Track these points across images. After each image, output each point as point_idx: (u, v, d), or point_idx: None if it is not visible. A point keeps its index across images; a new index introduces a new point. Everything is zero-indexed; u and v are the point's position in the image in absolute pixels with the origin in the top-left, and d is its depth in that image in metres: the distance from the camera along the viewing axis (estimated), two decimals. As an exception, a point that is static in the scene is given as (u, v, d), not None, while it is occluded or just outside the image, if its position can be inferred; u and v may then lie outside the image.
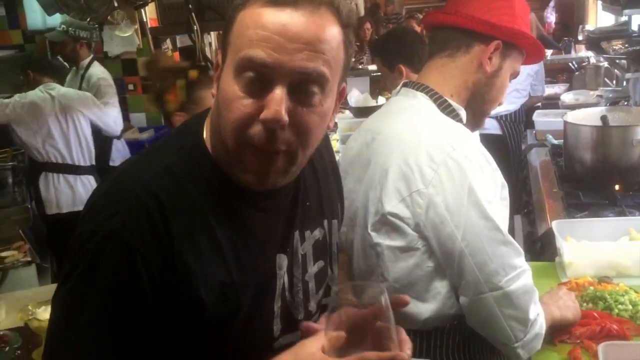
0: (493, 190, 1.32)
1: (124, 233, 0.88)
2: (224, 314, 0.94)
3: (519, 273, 1.29)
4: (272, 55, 0.87)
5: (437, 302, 1.36)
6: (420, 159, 1.31)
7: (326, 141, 1.23)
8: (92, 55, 4.88)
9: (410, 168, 1.32)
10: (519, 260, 1.31)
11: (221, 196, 0.96)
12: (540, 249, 2.40)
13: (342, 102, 1.03)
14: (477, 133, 1.66)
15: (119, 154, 4.71)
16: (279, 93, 0.88)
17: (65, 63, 5.19)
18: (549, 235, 2.16)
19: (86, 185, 3.99)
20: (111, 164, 4.54)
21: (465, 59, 1.43)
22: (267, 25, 0.88)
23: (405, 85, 1.50)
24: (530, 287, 1.32)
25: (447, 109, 1.42)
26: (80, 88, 4.58)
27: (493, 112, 1.58)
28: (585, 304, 1.63)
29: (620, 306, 1.58)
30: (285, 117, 0.88)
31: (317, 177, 1.15)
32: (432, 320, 1.37)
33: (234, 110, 0.91)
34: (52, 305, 0.94)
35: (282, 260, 1.03)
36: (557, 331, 1.49)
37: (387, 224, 1.36)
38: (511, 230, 1.93)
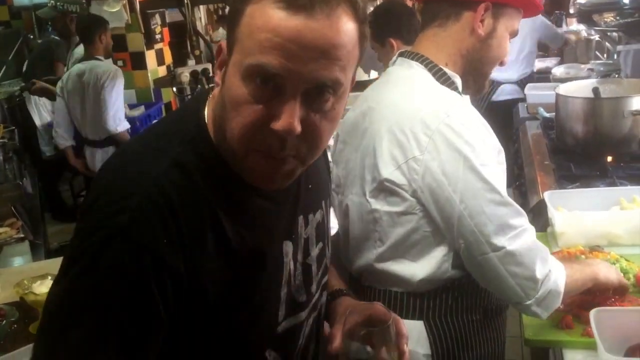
0: (489, 154, 1.33)
1: (133, 231, 0.83)
2: (232, 308, 0.93)
3: (519, 232, 1.31)
4: (285, 65, 0.83)
5: (432, 265, 1.39)
6: (415, 126, 1.33)
7: None
8: None
9: (405, 135, 1.33)
10: (519, 220, 1.33)
11: (228, 188, 0.93)
12: (532, 220, 2.41)
13: (350, 90, 0.98)
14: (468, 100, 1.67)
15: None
16: (292, 103, 0.84)
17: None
18: (541, 206, 2.18)
19: None
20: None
21: (457, 27, 1.45)
22: (280, 31, 0.82)
23: (401, 54, 1.51)
24: (533, 245, 1.34)
25: (442, 77, 1.43)
26: (69, 65, 4.59)
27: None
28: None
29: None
30: (299, 128, 0.85)
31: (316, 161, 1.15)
32: (425, 282, 1.40)
33: (243, 115, 0.86)
34: (45, 304, 0.87)
35: (288, 247, 1.03)
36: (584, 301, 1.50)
37: (384, 190, 1.38)
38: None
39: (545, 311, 1.35)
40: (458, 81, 1.46)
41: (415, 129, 1.33)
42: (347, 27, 0.85)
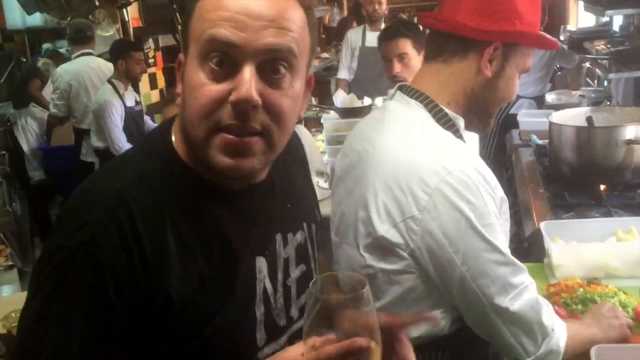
0: (492, 211, 1.26)
1: (92, 246, 0.83)
2: (202, 327, 0.90)
3: (520, 290, 1.27)
4: (237, 34, 0.85)
5: (429, 324, 1.33)
6: (413, 182, 1.25)
7: (295, 139, 1.18)
8: (81, 51, 4.93)
9: (403, 191, 1.26)
10: (521, 278, 1.28)
11: (195, 200, 0.93)
12: (528, 249, 2.40)
13: (310, 91, 1.01)
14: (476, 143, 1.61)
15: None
16: (248, 72, 0.85)
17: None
18: (537, 236, 2.17)
19: None
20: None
21: (462, 65, 1.36)
22: (228, 6, 0.86)
23: (400, 88, 1.44)
24: (534, 302, 1.29)
25: (442, 119, 1.35)
26: None
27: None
28: (575, 306, 1.63)
29: (611, 307, 1.58)
30: (257, 97, 0.85)
31: (292, 178, 1.13)
32: (423, 338, 1.34)
33: (200, 96, 0.87)
34: (18, 326, 0.89)
35: (262, 264, 1.00)
36: None
37: (380, 247, 1.31)
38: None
39: None
40: (460, 123, 1.38)
41: (412, 186, 1.25)
42: (293, 7, 0.89)
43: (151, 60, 5.60)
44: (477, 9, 1.33)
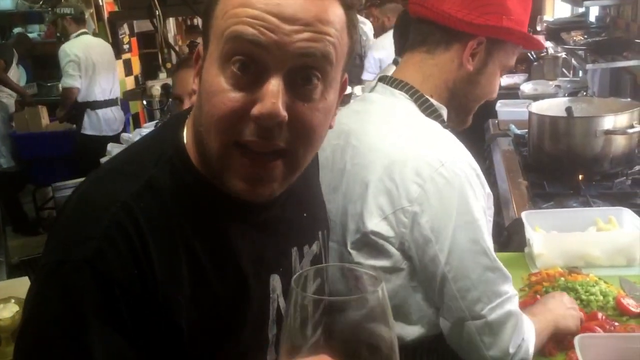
0: (483, 207, 1.24)
1: (100, 262, 0.74)
2: (211, 348, 0.83)
3: (503, 301, 1.23)
4: (265, 34, 0.73)
5: (425, 324, 1.29)
6: (406, 174, 1.21)
7: None
8: (81, 30, 4.95)
9: (395, 183, 1.22)
10: (505, 287, 1.25)
11: (207, 213, 0.84)
12: (507, 239, 2.41)
13: (342, 95, 0.90)
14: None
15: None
16: (275, 84, 0.74)
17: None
18: (517, 226, 2.17)
19: None
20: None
21: (445, 57, 1.34)
22: (257, 4, 0.74)
23: (381, 80, 1.40)
24: (513, 314, 1.25)
25: (428, 109, 1.33)
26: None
27: None
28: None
29: (591, 297, 1.60)
30: (284, 112, 0.74)
31: (307, 182, 1.04)
32: (418, 341, 1.30)
33: (219, 105, 0.76)
34: (16, 351, 0.78)
35: (276, 282, 0.92)
36: (552, 340, 1.44)
37: (369, 244, 1.25)
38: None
39: None
40: (445, 113, 1.36)
41: (404, 177, 1.21)
42: (333, 7, 0.78)
43: (126, 47, 5.49)
44: (465, 0, 1.31)
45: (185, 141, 0.86)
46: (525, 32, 1.36)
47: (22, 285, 0.75)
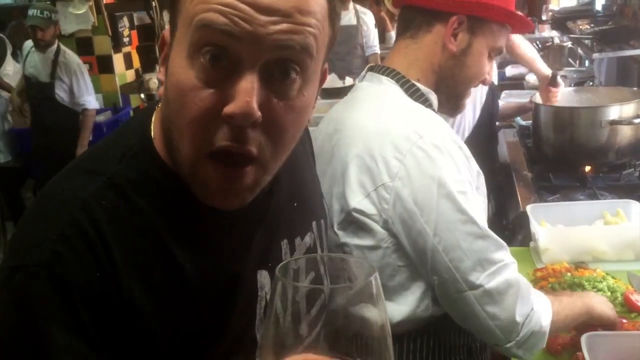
0: (467, 179, 1.21)
1: (57, 266, 0.68)
2: (190, 350, 0.77)
3: (499, 268, 1.20)
4: (239, 24, 0.66)
5: (410, 304, 1.26)
6: (385, 149, 1.20)
7: (305, 131, 1.05)
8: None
9: (375, 160, 1.20)
10: (500, 254, 1.21)
11: (179, 208, 0.77)
12: (512, 233, 2.36)
13: (321, 87, 0.83)
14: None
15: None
16: (249, 79, 0.67)
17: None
18: (522, 219, 2.12)
19: None
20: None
21: (428, 40, 1.32)
22: None
23: (370, 69, 1.38)
24: (514, 281, 1.22)
25: (415, 94, 1.31)
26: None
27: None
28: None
29: (599, 292, 1.55)
30: (258, 112, 0.68)
31: (299, 170, 0.98)
32: (405, 323, 1.27)
33: (190, 105, 0.69)
34: None
35: (264, 279, 0.85)
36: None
37: (353, 222, 1.24)
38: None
39: (528, 353, 1.24)
40: (433, 98, 1.33)
41: (385, 153, 1.20)
42: None
43: (126, 39, 5.45)
44: None
45: (152, 135, 0.80)
46: (509, 10, 1.32)
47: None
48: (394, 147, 1.20)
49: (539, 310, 1.25)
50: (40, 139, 4.66)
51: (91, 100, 4.73)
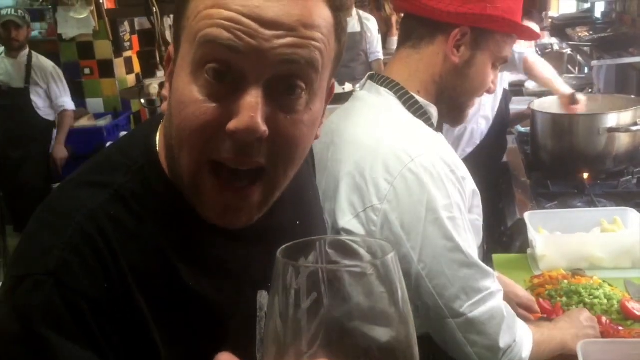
0: (458, 204, 1.19)
1: (64, 274, 0.68)
2: None
3: (484, 297, 1.18)
4: (243, 39, 0.66)
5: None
6: (376, 170, 1.18)
7: None
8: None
9: (365, 180, 1.19)
10: (486, 283, 1.20)
11: (182, 225, 0.77)
12: (509, 239, 2.37)
13: (329, 102, 0.82)
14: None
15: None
16: (253, 94, 0.67)
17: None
18: (519, 225, 2.13)
19: None
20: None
21: (430, 51, 1.30)
22: (233, 5, 0.66)
23: (370, 78, 1.37)
24: (498, 311, 1.20)
25: (413, 107, 1.29)
26: (29, 77, 4.58)
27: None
28: (559, 298, 1.59)
29: (595, 300, 1.55)
30: (263, 127, 0.67)
31: (303, 188, 0.97)
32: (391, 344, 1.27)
33: (191, 118, 0.69)
34: None
35: (264, 299, 0.84)
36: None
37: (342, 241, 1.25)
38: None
39: None
40: (433, 111, 1.31)
41: (375, 174, 1.18)
42: (319, 9, 0.70)
43: (127, 44, 5.46)
44: None
45: (157, 149, 0.80)
46: (513, 20, 1.30)
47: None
48: (384, 169, 1.18)
49: (521, 341, 1.24)
50: (9, 151, 4.58)
51: (69, 102, 4.75)
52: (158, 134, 0.81)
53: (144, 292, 0.73)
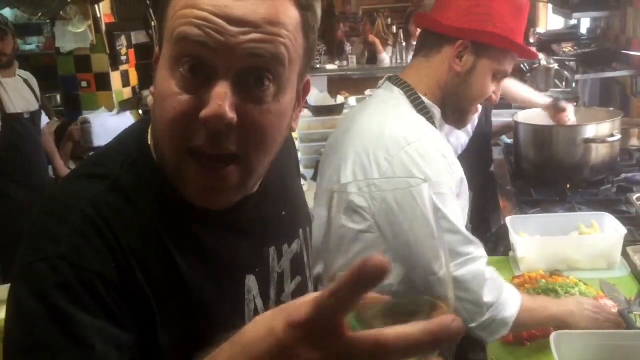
0: (447, 183, 1.38)
1: (77, 257, 0.73)
2: (184, 350, 0.79)
3: (466, 260, 1.34)
4: (212, 36, 0.73)
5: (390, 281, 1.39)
6: (378, 150, 1.39)
7: (290, 139, 1.14)
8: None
9: (369, 158, 1.40)
10: (469, 249, 1.36)
11: (174, 214, 0.82)
12: (494, 244, 2.46)
13: (306, 98, 0.90)
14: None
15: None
16: (222, 85, 0.74)
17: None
18: (504, 231, 2.22)
19: None
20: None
21: (437, 60, 1.53)
22: (203, 5, 0.73)
23: (389, 79, 1.59)
24: (479, 273, 1.36)
25: (419, 106, 1.51)
26: (37, 95, 3.97)
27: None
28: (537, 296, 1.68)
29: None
30: (231, 114, 0.73)
31: (286, 183, 1.03)
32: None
33: (169, 109, 0.76)
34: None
35: (252, 283, 0.90)
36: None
37: (348, 208, 1.39)
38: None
39: (490, 336, 1.38)
40: (436, 112, 1.52)
41: (377, 154, 1.39)
42: (285, 8, 0.76)
43: (124, 58, 5.56)
44: (458, 12, 1.51)
45: (149, 143, 0.86)
46: (511, 39, 1.49)
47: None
48: (385, 150, 1.39)
49: (506, 301, 1.38)
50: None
51: (45, 118, 4.11)
52: (150, 129, 0.87)
53: (144, 273, 0.78)
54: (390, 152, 1.38)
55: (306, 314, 0.51)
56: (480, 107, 1.64)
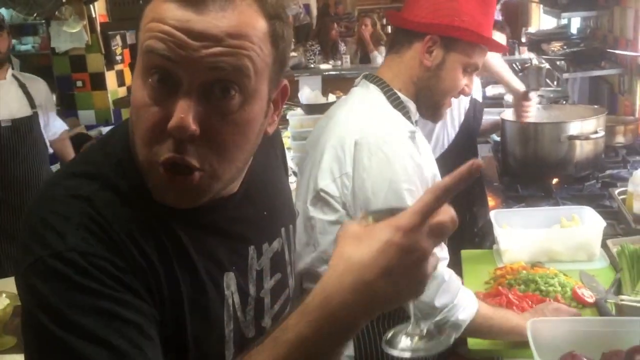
0: (413, 180, 1.37)
1: (86, 248, 0.77)
2: (174, 345, 0.85)
3: None
4: (175, 50, 0.75)
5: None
6: (352, 145, 1.44)
7: (278, 137, 1.17)
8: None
9: (344, 151, 1.47)
10: None
11: (158, 214, 0.85)
12: (481, 238, 2.51)
13: (284, 102, 0.92)
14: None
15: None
16: (186, 98, 0.76)
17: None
18: (490, 225, 2.27)
19: None
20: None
21: (408, 55, 1.58)
22: (167, 19, 0.76)
23: (365, 77, 1.64)
24: (438, 275, 1.37)
25: (395, 101, 1.56)
26: (32, 100, 3.60)
27: None
28: (518, 286, 1.73)
29: (550, 288, 1.69)
30: (193, 126, 0.76)
31: (268, 183, 1.05)
32: None
33: (141, 119, 0.79)
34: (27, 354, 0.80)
35: (230, 280, 0.93)
36: None
37: (321, 199, 1.50)
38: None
39: None
40: (411, 106, 1.57)
41: (352, 148, 1.45)
42: (249, 20, 0.78)
43: (118, 57, 5.60)
44: (425, 8, 1.56)
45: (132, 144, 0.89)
46: (478, 32, 1.54)
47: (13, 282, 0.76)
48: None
49: (460, 305, 1.41)
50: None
51: (61, 124, 3.89)
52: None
53: (142, 267, 0.82)
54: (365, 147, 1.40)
55: (412, 218, 0.76)
56: (453, 100, 1.67)
